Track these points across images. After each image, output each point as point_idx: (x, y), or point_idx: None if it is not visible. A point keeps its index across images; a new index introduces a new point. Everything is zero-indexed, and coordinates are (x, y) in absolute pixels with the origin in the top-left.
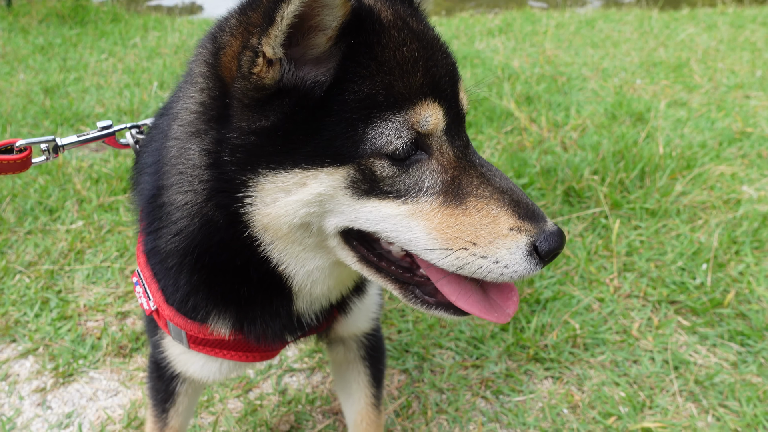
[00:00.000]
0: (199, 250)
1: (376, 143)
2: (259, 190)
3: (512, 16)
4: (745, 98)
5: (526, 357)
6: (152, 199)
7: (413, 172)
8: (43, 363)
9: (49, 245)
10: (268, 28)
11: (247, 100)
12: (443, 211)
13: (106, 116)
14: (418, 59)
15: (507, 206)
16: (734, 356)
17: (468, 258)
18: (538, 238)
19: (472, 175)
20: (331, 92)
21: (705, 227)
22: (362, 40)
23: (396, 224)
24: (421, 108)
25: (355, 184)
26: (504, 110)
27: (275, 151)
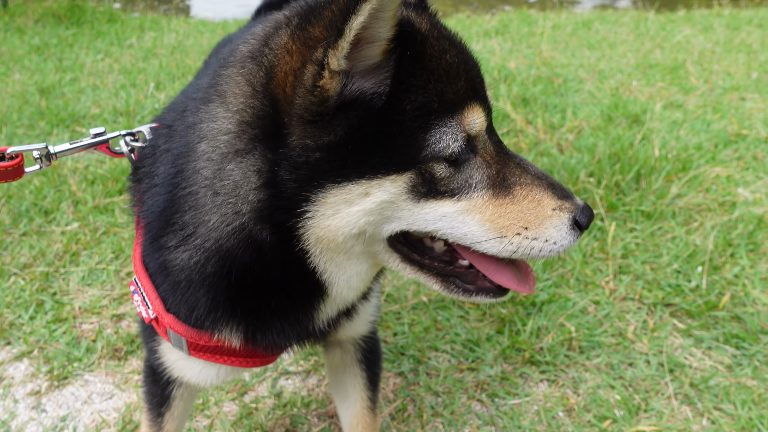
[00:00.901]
0: (227, 268)
1: (436, 148)
2: (321, 204)
3: (509, 18)
4: (740, 100)
5: (521, 360)
6: (166, 216)
7: (464, 170)
8: (38, 366)
9: (44, 247)
10: (336, 40)
11: (310, 115)
12: (494, 202)
13: (102, 117)
14: (459, 65)
15: (546, 190)
16: (729, 359)
17: (522, 242)
18: (577, 212)
19: (512, 166)
20: (390, 102)
21: (700, 230)
22: (412, 51)
23: (452, 221)
24: (470, 111)
25: (415, 188)
26: (500, 112)
27: (343, 165)
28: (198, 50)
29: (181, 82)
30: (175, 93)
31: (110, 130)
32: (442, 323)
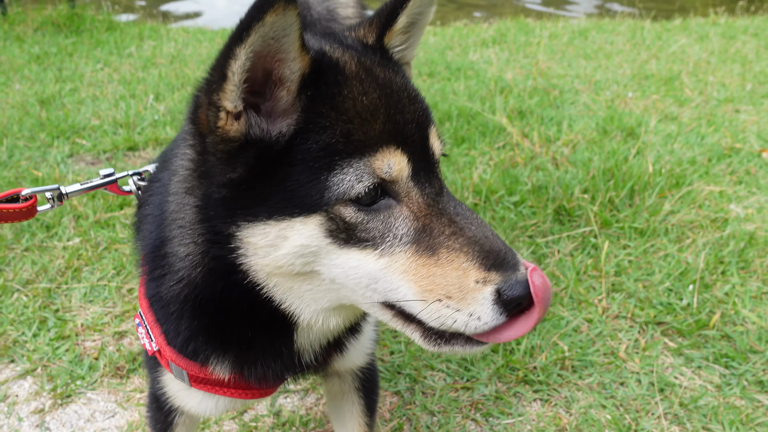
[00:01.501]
0: (200, 298)
1: (339, 189)
2: (247, 244)
3: (506, 26)
4: (734, 112)
5: (515, 379)
6: (155, 248)
7: (384, 218)
8: (42, 384)
9: (46, 263)
10: (222, 83)
11: (218, 153)
12: (417, 261)
13: (102, 128)
14: (379, 107)
15: (476, 257)
16: (718, 378)
17: (443, 310)
18: (503, 286)
19: (444, 223)
20: (294, 142)
21: (692, 247)
22: (323, 92)
23: (376, 274)
24: (383, 154)
25: (332, 233)
26: (496, 125)
27: (248, 204)
28: (197, 59)
29: (180, 93)
30: (174, 104)
31: (110, 142)
32: None
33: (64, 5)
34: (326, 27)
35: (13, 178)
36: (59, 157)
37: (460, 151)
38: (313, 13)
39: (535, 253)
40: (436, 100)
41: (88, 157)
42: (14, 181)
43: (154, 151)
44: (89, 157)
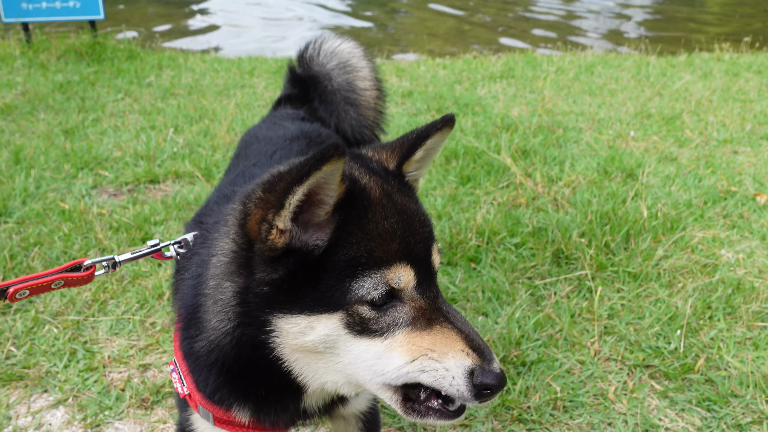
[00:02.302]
0: (227, 362)
1: (359, 293)
2: (280, 330)
3: (514, 60)
4: (733, 153)
5: (510, 418)
6: (191, 312)
7: (390, 314)
8: (73, 414)
9: (74, 295)
10: (279, 210)
11: (264, 257)
12: (411, 334)
13: (124, 160)
14: (396, 230)
15: (463, 339)
16: (699, 421)
17: (427, 361)
18: (478, 367)
19: (439, 315)
20: (327, 253)
21: (682, 292)
22: (353, 214)
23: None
24: (396, 269)
25: (350, 326)
26: (501, 164)
27: (284, 300)
28: (214, 90)
29: (198, 125)
30: (192, 137)
31: (132, 174)
32: None
33: (86, 34)
34: (345, 97)
35: (41, 210)
36: (84, 189)
37: (465, 191)
38: (334, 84)
39: (534, 294)
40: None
41: (110, 189)
42: (42, 212)
43: (173, 184)
44: (112, 188)
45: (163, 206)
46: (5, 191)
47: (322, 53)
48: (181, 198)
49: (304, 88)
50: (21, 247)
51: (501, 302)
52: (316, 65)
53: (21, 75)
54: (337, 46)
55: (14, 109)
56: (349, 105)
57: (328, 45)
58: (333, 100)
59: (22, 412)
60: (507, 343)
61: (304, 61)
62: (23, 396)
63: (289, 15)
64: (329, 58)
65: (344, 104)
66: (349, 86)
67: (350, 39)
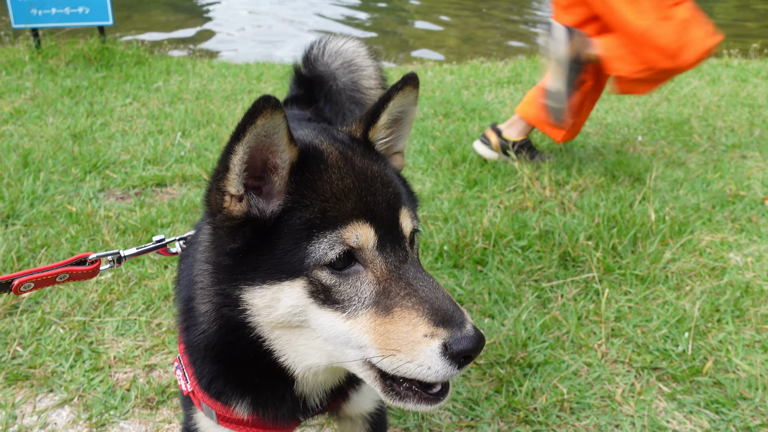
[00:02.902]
0: (217, 348)
1: (316, 255)
2: (250, 305)
3: (522, 66)
4: (741, 158)
5: (517, 419)
6: (186, 304)
7: (353, 282)
8: (78, 413)
9: (80, 296)
10: (225, 173)
11: (223, 229)
12: (376, 320)
13: (132, 164)
14: (353, 190)
15: (425, 314)
16: (708, 424)
17: (397, 362)
18: (449, 340)
19: (401, 285)
20: (283, 219)
21: (690, 295)
22: (307, 177)
23: (346, 333)
24: (353, 227)
25: (314, 294)
26: (508, 168)
27: (245, 270)
28: (222, 95)
29: (205, 129)
30: (200, 141)
31: (139, 177)
32: None
33: (95, 39)
34: (350, 96)
35: (49, 212)
36: (91, 192)
37: (472, 194)
38: (339, 83)
39: (540, 297)
40: (450, 142)
41: (118, 192)
42: (50, 215)
43: (181, 188)
44: (119, 191)
45: (170, 209)
46: (13, 194)
47: (327, 53)
48: (188, 201)
49: (310, 88)
50: (28, 248)
51: (507, 304)
52: (320, 65)
53: (30, 80)
54: (341, 46)
55: (23, 113)
56: (355, 104)
57: (333, 45)
58: (338, 100)
59: (27, 412)
60: (513, 345)
61: (309, 61)
62: (29, 395)
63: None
64: (334, 58)
65: (349, 104)
66: (354, 85)
67: (354, 38)
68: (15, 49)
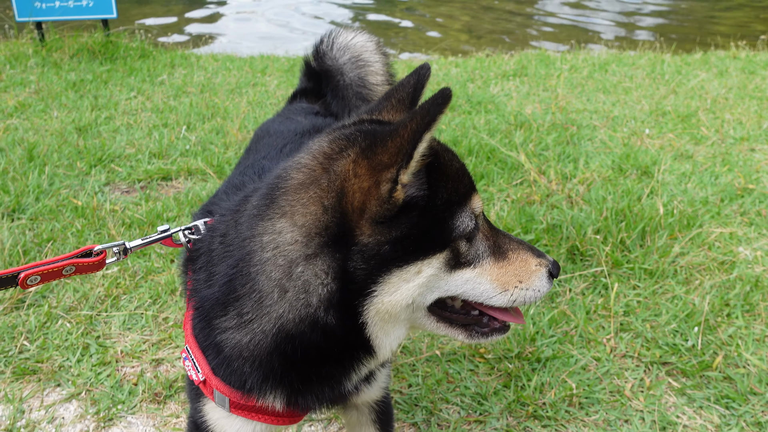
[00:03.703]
0: (290, 348)
1: (460, 229)
2: (385, 284)
3: (527, 58)
4: (750, 151)
5: (525, 414)
6: (222, 305)
7: (475, 244)
8: (86, 407)
9: (87, 291)
10: (408, 162)
11: (381, 219)
12: (497, 265)
13: (137, 158)
14: (461, 168)
15: (528, 251)
16: (718, 419)
17: (519, 293)
18: (550, 266)
19: (501, 236)
20: (430, 200)
21: (699, 289)
22: (432, 162)
23: (473, 284)
24: (474, 199)
25: (448, 262)
26: (515, 161)
27: (405, 252)
28: (226, 89)
29: (210, 123)
30: (204, 134)
31: (144, 171)
32: (454, 376)
33: (99, 33)
34: (357, 92)
35: (54, 206)
36: (96, 186)
37: (479, 187)
38: (346, 79)
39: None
40: (456, 135)
41: (123, 186)
42: (55, 209)
43: (186, 181)
44: (124, 185)
45: (176, 203)
46: (19, 188)
47: (335, 47)
48: (193, 195)
49: (319, 82)
50: (34, 243)
51: None
52: (329, 59)
53: (34, 74)
54: (350, 40)
55: (28, 107)
56: (361, 101)
57: (341, 39)
58: (345, 96)
59: (35, 406)
60: (522, 340)
61: (318, 54)
62: (36, 390)
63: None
64: (342, 53)
65: (356, 100)
66: (361, 81)
67: (364, 32)
68: (19, 43)
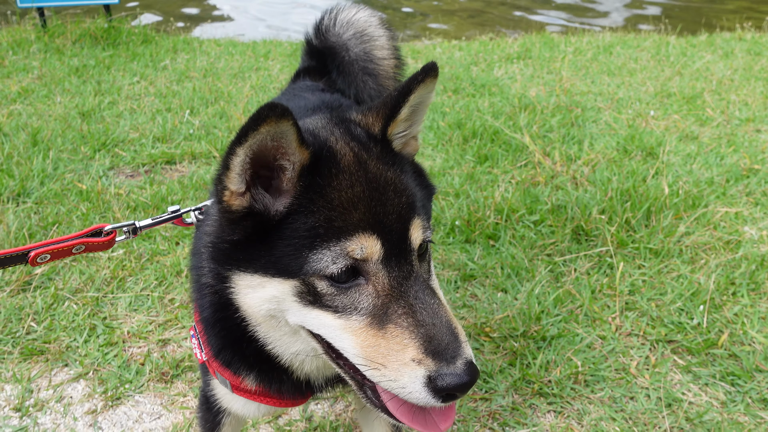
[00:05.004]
0: (219, 323)
1: (317, 266)
2: (236, 284)
3: (531, 41)
4: (755, 132)
5: (531, 392)
6: (197, 278)
7: (351, 294)
8: (94, 387)
9: (93, 273)
10: (226, 171)
11: (224, 219)
12: (367, 331)
13: (140, 142)
14: (362, 199)
15: (417, 339)
16: (724, 395)
17: (380, 376)
18: (435, 374)
19: (400, 304)
20: (287, 220)
21: (705, 268)
22: (317, 182)
23: (332, 333)
24: (359, 239)
25: (301, 295)
26: (519, 143)
27: (241, 258)
28: (229, 73)
29: (213, 107)
30: (208, 119)
31: (148, 155)
32: None
33: (101, 18)
34: (363, 67)
35: (59, 190)
36: (101, 170)
37: (483, 170)
38: (351, 54)
39: (553, 271)
40: (460, 117)
41: (127, 170)
42: (60, 193)
43: (190, 165)
44: (128, 169)
45: (180, 186)
46: (23, 172)
47: (338, 23)
48: (197, 178)
49: (322, 59)
50: (40, 226)
51: (520, 278)
52: (332, 36)
53: (37, 59)
54: (353, 16)
55: (31, 92)
56: (368, 75)
57: (344, 15)
58: (351, 71)
59: (43, 386)
60: (527, 319)
61: (320, 32)
62: (44, 370)
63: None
64: (345, 28)
65: (362, 74)
66: (367, 56)
67: (366, 8)
68: (21, 29)
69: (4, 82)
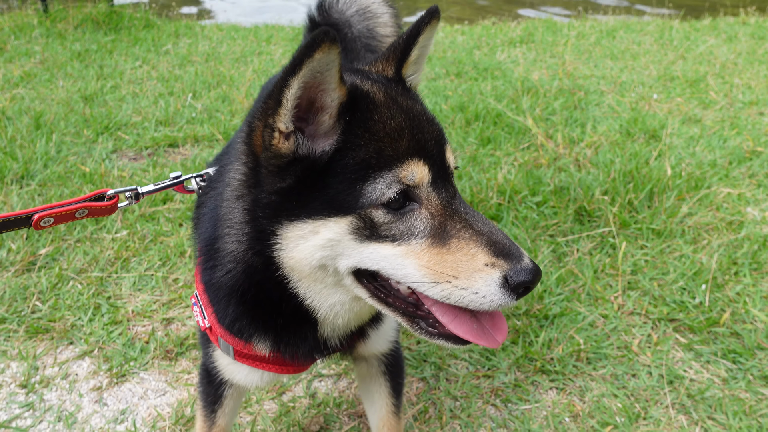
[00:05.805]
0: (242, 288)
1: (372, 196)
2: (284, 238)
3: (534, 26)
4: (759, 115)
5: (533, 369)
6: (210, 243)
7: (406, 219)
8: (99, 364)
9: (97, 253)
10: (278, 108)
11: (270, 167)
12: (431, 250)
13: (143, 125)
14: (405, 128)
15: (484, 246)
16: (725, 372)
17: (451, 289)
18: (510, 272)
19: (456, 220)
20: (335, 158)
21: (707, 248)
22: (358, 117)
23: (392, 262)
24: (408, 165)
25: (357, 231)
26: (522, 126)
27: (293, 206)
28: (231, 57)
29: (216, 91)
30: (210, 102)
31: (151, 138)
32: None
33: (103, 3)
34: (366, 44)
35: (63, 173)
36: (104, 153)
37: (486, 152)
38: (354, 31)
39: (555, 251)
40: (463, 101)
41: (130, 153)
42: (64, 175)
43: (193, 148)
44: (131, 152)
45: (183, 169)
46: (27, 155)
47: (341, 1)
48: (200, 161)
49: None
50: None
51: None
52: (335, 12)
53: (39, 44)
54: None
55: (33, 77)
56: (370, 52)
57: None
58: (353, 48)
59: (48, 363)
60: (529, 297)
61: (323, 9)
62: (49, 348)
63: None
64: (349, 5)
65: (365, 52)
66: (370, 33)
67: None
68: (23, 14)
69: (7, 66)
